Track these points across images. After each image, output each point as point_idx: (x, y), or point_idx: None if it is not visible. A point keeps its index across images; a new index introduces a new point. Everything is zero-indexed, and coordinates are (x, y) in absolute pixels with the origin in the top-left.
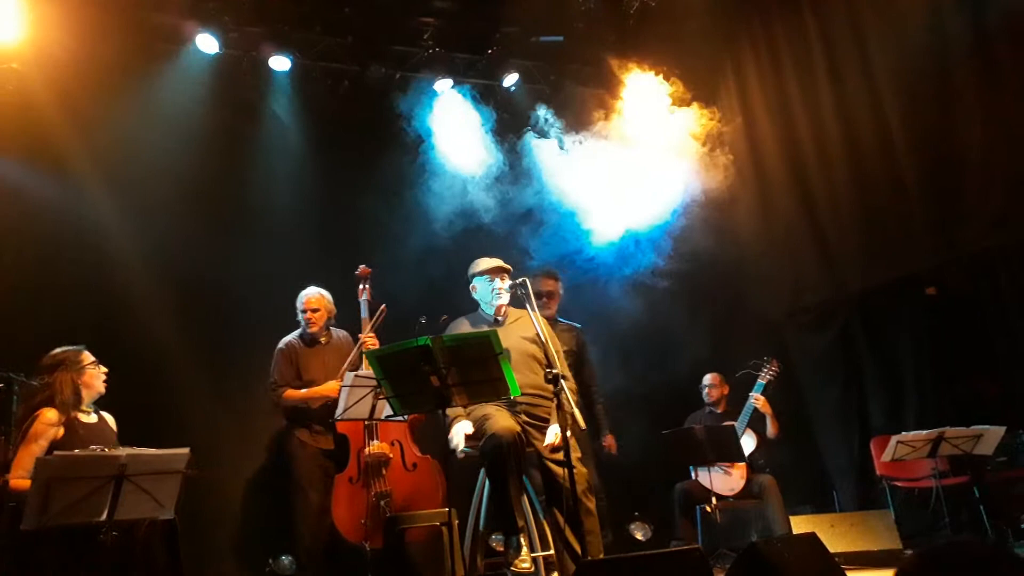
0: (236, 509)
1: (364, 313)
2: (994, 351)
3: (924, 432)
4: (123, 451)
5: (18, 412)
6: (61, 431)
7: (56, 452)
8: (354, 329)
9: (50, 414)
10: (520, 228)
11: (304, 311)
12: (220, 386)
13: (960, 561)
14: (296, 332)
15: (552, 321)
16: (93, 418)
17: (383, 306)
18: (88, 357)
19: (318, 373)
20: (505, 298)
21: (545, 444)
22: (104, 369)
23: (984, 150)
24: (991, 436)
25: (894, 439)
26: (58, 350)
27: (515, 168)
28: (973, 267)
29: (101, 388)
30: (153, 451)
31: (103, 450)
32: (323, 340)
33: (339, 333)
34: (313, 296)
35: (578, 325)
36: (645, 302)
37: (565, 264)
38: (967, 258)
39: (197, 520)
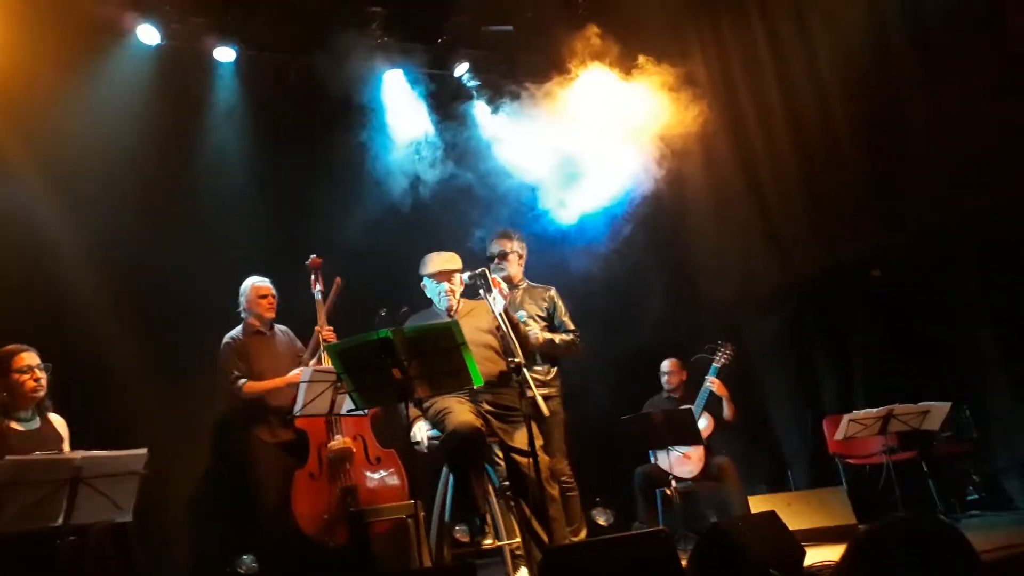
0: (192, 509)
1: (318, 298)
2: (936, 329)
3: (874, 410)
4: (78, 454)
5: None
6: None
7: (8, 457)
8: (311, 320)
9: None
10: (472, 210)
11: (263, 296)
12: (172, 383)
13: (905, 536)
14: (238, 327)
15: (517, 285)
16: (34, 423)
17: (337, 279)
18: (23, 360)
19: (268, 365)
20: (449, 302)
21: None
22: (41, 374)
23: (924, 135)
24: (937, 412)
25: (846, 418)
26: (3, 348)
27: (467, 152)
28: (915, 249)
29: (36, 394)
30: (109, 453)
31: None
32: (267, 332)
33: (280, 327)
34: (267, 282)
35: (551, 288)
36: (597, 288)
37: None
38: (909, 240)
39: (152, 522)
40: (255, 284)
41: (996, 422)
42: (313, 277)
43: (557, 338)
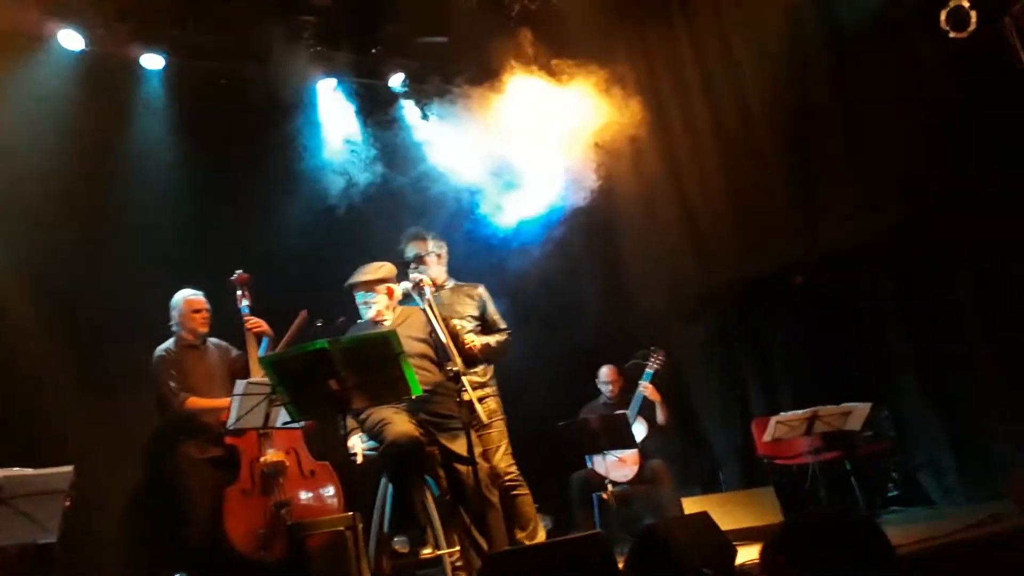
0: (121, 528)
1: (245, 313)
2: (855, 334)
3: (800, 412)
4: None
5: None
6: None
7: None
8: (238, 338)
9: None
10: (407, 216)
11: (196, 311)
12: (97, 398)
13: (822, 526)
14: (170, 340)
15: (442, 286)
16: None
17: (302, 312)
18: None
19: (201, 379)
20: (370, 312)
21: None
22: None
23: (838, 147)
24: (858, 413)
25: (773, 420)
26: None
27: (401, 158)
28: (834, 257)
29: None
30: (32, 471)
31: None
32: (202, 347)
33: (212, 340)
34: (200, 295)
35: (478, 285)
36: (534, 290)
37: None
38: (829, 249)
39: (78, 542)
40: (188, 298)
41: (911, 422)
42: (240, 292)
43: (493, 340)
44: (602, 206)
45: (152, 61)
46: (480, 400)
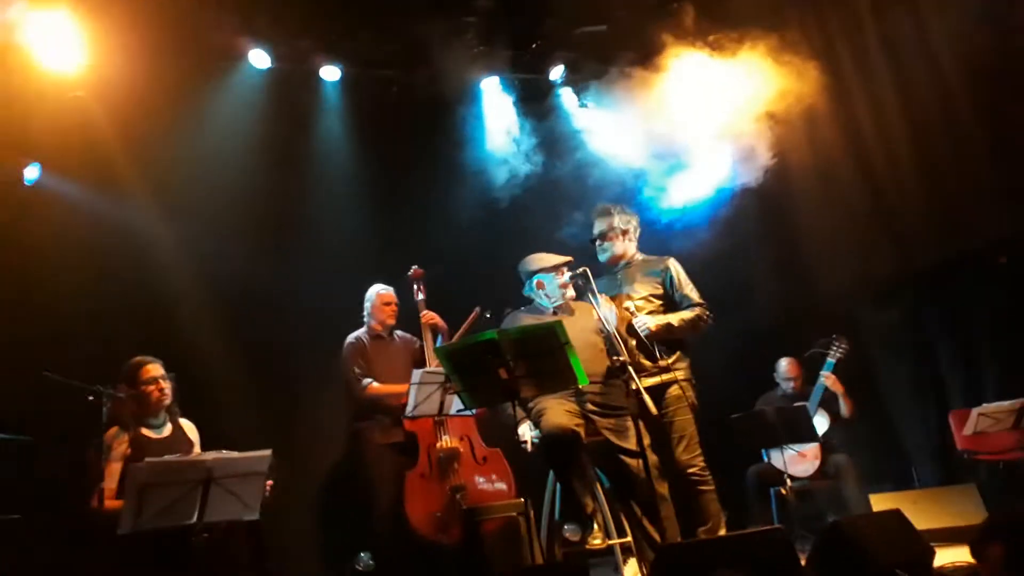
0: (309, 510)
1: (420, 308)
2: None
3: (1007, 403)
4: (210, 455)
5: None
6: (127, 448)
7: (147, 460)
8: (413, 331)
9: (117, 433)
10: (571, 212)
11: (387, 304)
12: (285, 393)
13: None
14: (361, 329)
15: (629, 261)
16: (166, 430)
17: (476, 309)
18: (149, 372)
19: (383, 370)
20: (571, 292)
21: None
22: (166, 384)
23: None
24: None
25: (975, 411)
26: (131, 361)
27: (565, 148)
28: None
29: (162, 404)
30: (238, 454)
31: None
32: (388, 337)
33: (399, 332)
34: (391, 290)
35: (667, 258)
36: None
37: None
38: None
39: (279, 522)
40: (380, 292)
41: None
42: (416, 287)
43: (675, 319)
44: (776, 184)
45: (330, 73)
46: (665, 386)
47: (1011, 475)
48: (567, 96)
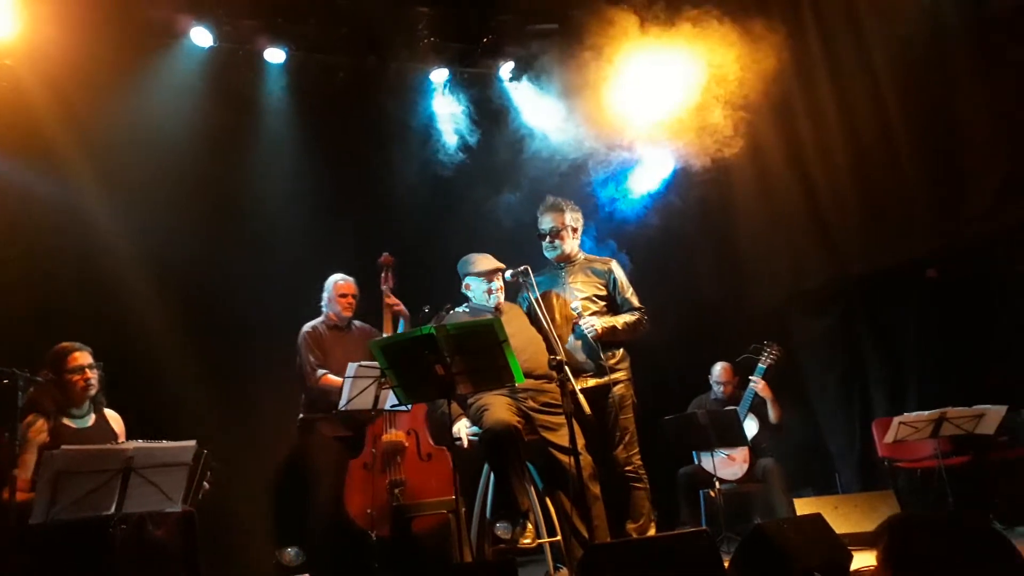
0: (253, 501)
1: (386, 293)
2: (994, 331)
3: (926, 413)
4: (130, 444)
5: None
6: (46, 437)
7: (63, 447)
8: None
9: (34, 420)
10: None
11: (343, 296)
12: (226, 380)
13: (944, 527)
14: (319, 318)
15: (573, 260)
16: (88, 420)
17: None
18: (76, 360)
19: (340, 359)
20: (499, 298)
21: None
22: (92, 373)
23: (983, 133)
24: (992, 415)
25: (896, 420)
26: (56, 347)
27: (513, 141)
28: (973, 250)
29: (87, 393)
30: (160, 444)
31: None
32: (346, 328)
33: (358, 323)
34: (350, 281)
35: (609, 257)
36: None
37: None
38: (967, 241)
39: (215, 513)
40: (338, 282)
41: None
42: (384, 273)
43: (619, 322)
44: (715, 191)
45: (274, 55)
46: (610, 385)
47: (926, 482)
48: (516, 88)
